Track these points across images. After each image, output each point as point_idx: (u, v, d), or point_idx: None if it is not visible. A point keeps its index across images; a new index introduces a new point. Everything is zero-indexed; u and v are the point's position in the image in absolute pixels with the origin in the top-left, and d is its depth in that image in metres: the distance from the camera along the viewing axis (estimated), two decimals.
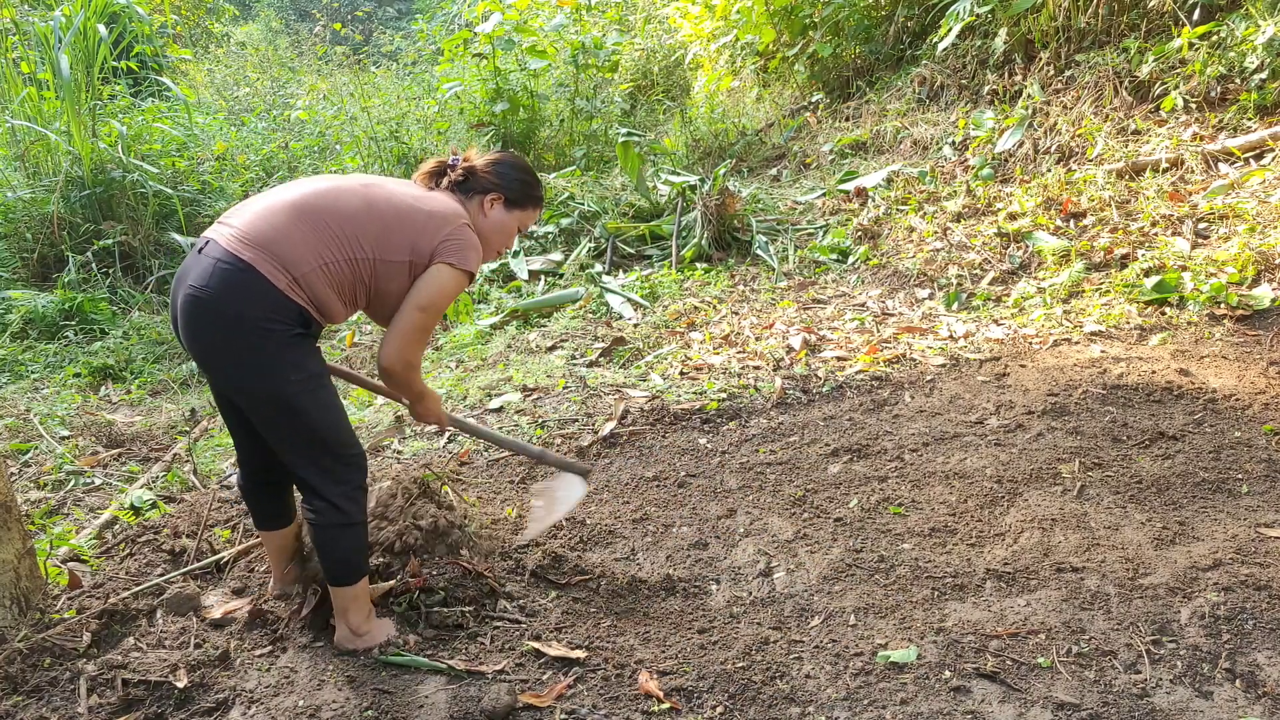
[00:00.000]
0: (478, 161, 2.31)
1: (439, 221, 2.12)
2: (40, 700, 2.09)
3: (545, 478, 3.02)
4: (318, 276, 2.01)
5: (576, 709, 2.04)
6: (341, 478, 2.12)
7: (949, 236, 5.30)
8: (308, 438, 2.07)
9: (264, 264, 1.94)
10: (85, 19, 6.90)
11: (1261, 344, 3.75)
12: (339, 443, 2.11)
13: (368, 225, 2.06)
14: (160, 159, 7.25)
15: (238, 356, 1.98)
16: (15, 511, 2.34)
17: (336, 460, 2.11)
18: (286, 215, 2.01)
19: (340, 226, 2.04)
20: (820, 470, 3.16)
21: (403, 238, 2.08)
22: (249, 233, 1.98)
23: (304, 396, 2.02)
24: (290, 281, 1.97)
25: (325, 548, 2.15)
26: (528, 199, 2.35)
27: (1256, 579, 2.30)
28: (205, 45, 13.30)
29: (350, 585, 2.18)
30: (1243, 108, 5.14)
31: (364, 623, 2.23)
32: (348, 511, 2.12)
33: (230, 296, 1.93)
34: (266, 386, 1.99)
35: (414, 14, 16.82)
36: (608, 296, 5.25)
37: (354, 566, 2.18)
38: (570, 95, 7.97)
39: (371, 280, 2.09)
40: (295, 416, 2.03)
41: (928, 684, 2.05)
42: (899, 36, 7.65)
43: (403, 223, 2.09)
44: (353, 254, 2.04)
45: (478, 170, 2.29)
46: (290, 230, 1.99)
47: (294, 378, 2.00)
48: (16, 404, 4.56)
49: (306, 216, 2.02)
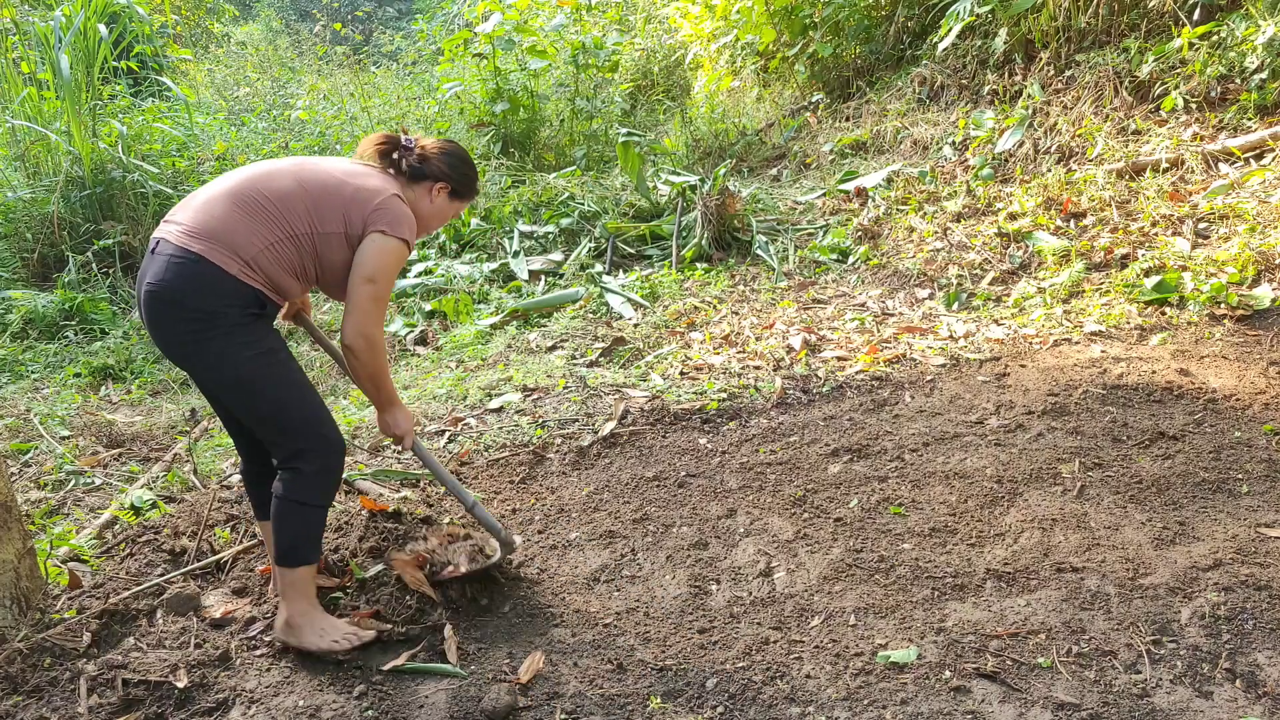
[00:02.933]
0: (430, 149, 2.37)
1: (367, 194, 2.19)
2: (40, 700, 2.09)
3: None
4: (265, 257, 2.10)
5: (576, 709, 2.05)
6: (309, 457, 2.16)
7: (949, 236, 5.30)
8: (271, 412, 2.14)
9: (214, 253, 2.04)
10: (85, 19, 6.91)
11: (1261, 344, 3.75)
12: (307, 418, 2.17)
13: (299, 201, 2.14)
14: (160, 159, 7.26)
15: (199, 344, 2.07)
16: (15, 511, 2.34)
17: (302, 436, 2.16)
18: (225, 204, 2.10)
19: (276, 207, 2.12)
20: (820, 470, 3.16)
21: (333, 210, 2.16)
22: (195, 226, 2.08)
23: (263, 371, 2.11)
24: (242, 266, 2.06)
25: (280, 520, 2.18)
26: (469, 191, 2.45)
27: (1256, 579, 2.30)
28: (205, 45, 13.30)
29: (290, 568, 2.20)
30: (1243, 108, 5.14)
31: (300, 616, 2.22)
32: (307, 489, 2.16)
33: (186, 288, 2.03)
34: (229, 367, 2.08)
35: (414, 14, 16.82)
36: (608, 296, 5.25)
37: (299, 550, 2.19)
38: (570, 95, 7.97)
39: (314, 254, 2.17)
40: (260, 392, 2.11)
41: (928, 684, 2.05)
42: (899, 36, 7.65)
43: (331, 196, 2.16)
44: (291, 230, 2.13)
45: (431, 158, 2.35)
46: (231, 217, 2.08)
47: (249, 354, 2.08)
48: (16, 404, 4.56)
49: (244, 202, 2.11)
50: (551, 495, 3.22)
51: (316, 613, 2.25)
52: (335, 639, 2.22)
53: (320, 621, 2.24)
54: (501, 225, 6.44)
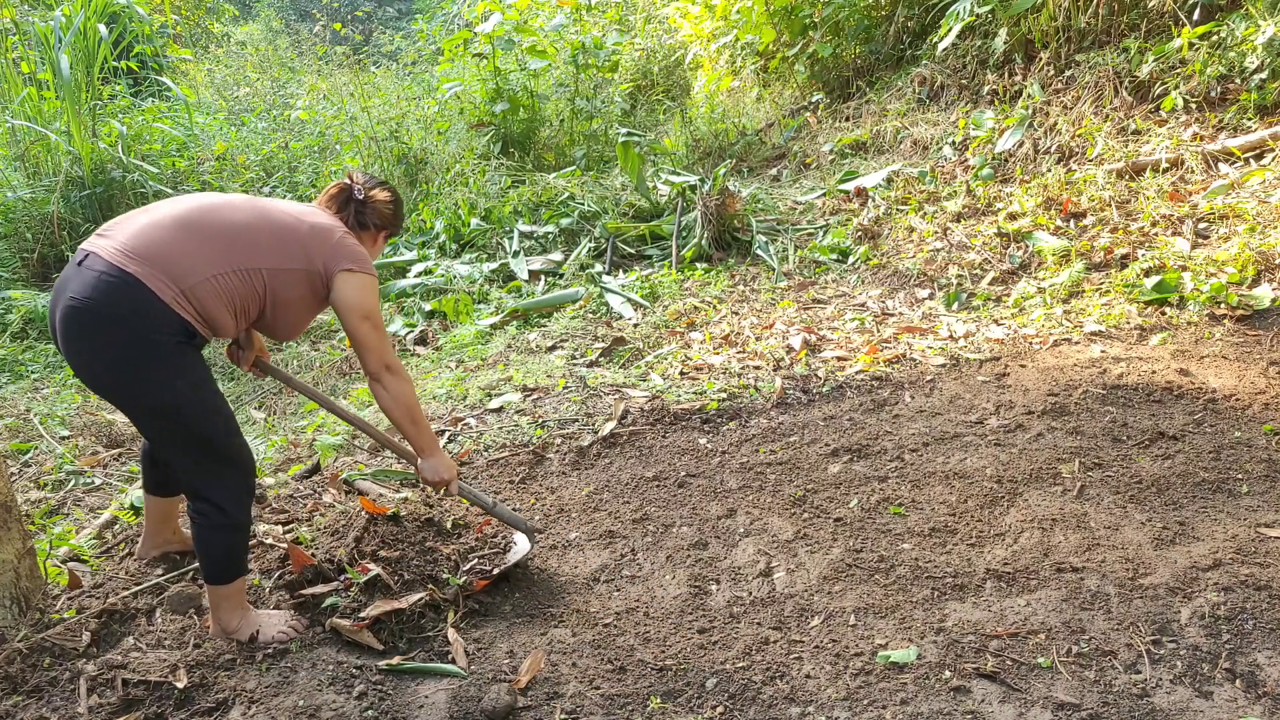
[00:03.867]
0: (376, 198, 2.46)
1: (322, 232, 2.23)
2: (40, 700, 2.09)
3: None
4: (207, 289, 2.05)
5: (576, 709, 2.05)
6: (227, 481, 2.15)
7: (949, 236, 5.30)
8: (193, 442, 2.10)
9: (152, 279, 1.98)
10: (85, 19, 6.91)
11: (1261, 344, 3.75)
12: (224, 445, 2.14)
13: (262, 234, 2.13)
14: (160, 159, 7.26)
15: (120, 366, 2.00)
16: (15, 511, 2.34)
17: (222, 463, 2.14)
18: (173, 230, 2.05)
19: (231, 239, 2.09)
20: (820, 470, 3.16)
21: (296, 245, 2.17)
22: (135, 247, 2.00)
23: (188, 401, 2.05)
24: (177, 295, 2.01)
25: (204, 546, 2.18)
26: (399, 230, 2.66)
27: (1256, 579, 2.30)
28: (205, 45, 13.30)
29: (225, 585, 2.21)
30: (1243, 108, 5.14)
31: (234, 620, 2.25)
32: (231, 513, 2.15)
33: (114, 309, 1.96)
34: (151, 394, 2.02)
35: (414, 14, 16.82)
36: (608, 296, 5.25)
37: (231, 567, 2.21)
38: (570, 95, 7.97)
39: (267, 291, 2.15)
40: (179, 421, 2.06)
41: (928, 684, 2.05)
42: (899, 36, 7.65)
43: (291, 232, 2.18)
44: (245, 264, 2.10)
45: (379, 209, 2.46)
46: (178, 244, 2.03)
47: (178, 384, 2.03)
48: (16, 404, 4.56)
49: (195, 230, 2.07)
50: (551, 495, 3.22)
51: (250, 613, 2.29)
52: (272, 635, 2.26)
53: (255, 619, 2.28)
54: (501, 225, 6.44)
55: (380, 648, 2.30)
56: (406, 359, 5.09)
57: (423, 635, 2.36)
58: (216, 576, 2.20)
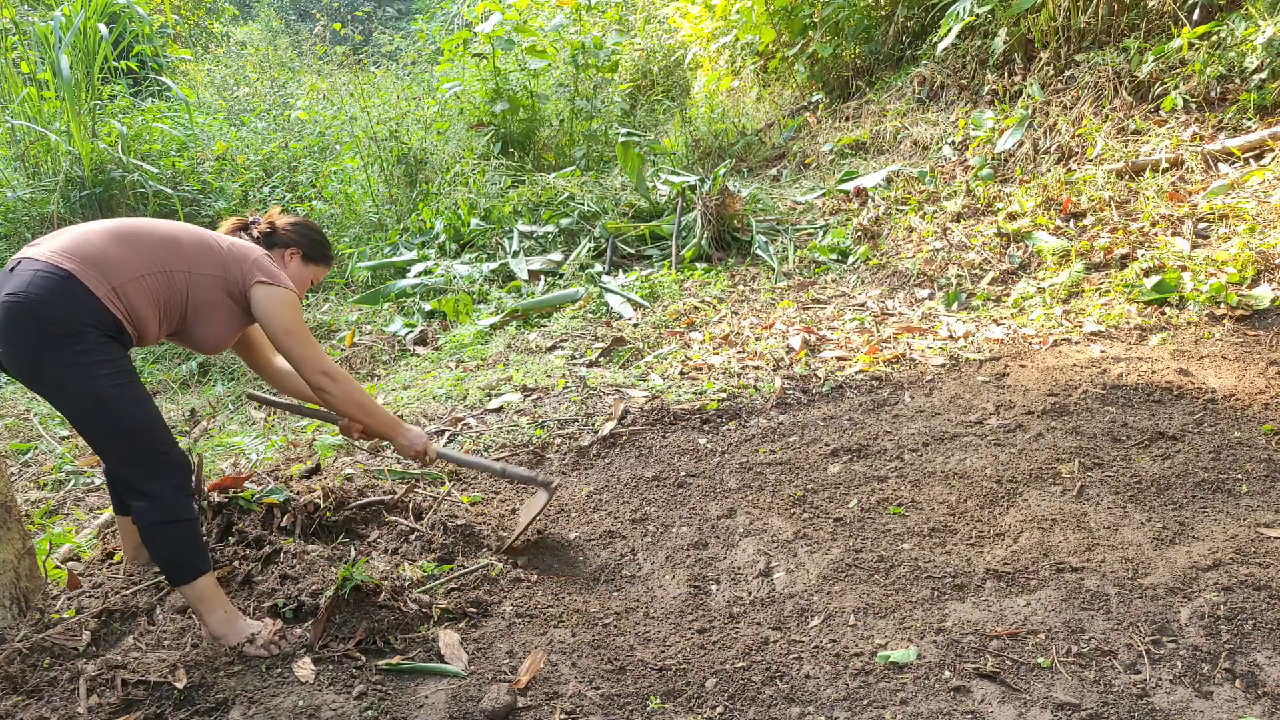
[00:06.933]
0: (279, 221, 2.62)
1: (241, 250, 2.38)
2: (40, 700, 2.09)
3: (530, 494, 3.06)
4: (135, 288, 2.17)
5: (576, 709, 2.05)
6: (160, 473, 2.18)
7: (949, 236, 5.30)
8: (121, 432, 2.15)
9: (85, 274, 2.09)
10: (85, 19, 6.91)
11: (1261, 344, 3.75)
12: (154, 439, 2.18)
13: (183, 241, 2.29)
14: (160, 159, 7.27)
15: (53, 357, 2.06)
16: (15, 511, 2.34)
17: (153, 455, 2.17)
18: (104, 237, 2.19)
19: (156, 245, 2.24)
20: (820, 470, 3.16)
21: (213, 258, 2.32)
22: (69, 248, 2.12)
23: (115, 391, 2.11)
24: (109, 291, 2.12)
25: (152, 545, 2.21)
26: (321, 257, 2.69)
27: (1256, 579, 2.30)
28: (205, 45, 13.30)
29: (187, 584, 2.22)
30: (1242, 108, 5.14)
31: (220, 625, 2.24)
32: (168, 508, 2.17)
33: (49, 300, 2.05)
34: (80, 383, 2.08)
35: (414, 14, 16.81)
36: (608, 296, 5.25)
37: (185, 564, 2.21)
38: (570, 95, 7.97)
39: (188, 295, 2.27)
40: (108, 411, 2.12)
41: (928, 684, 2.05)
42: (899, 36, 7.65)
43: (211, 249, 2.33)
44: (169, 266, 2.23)
45: (279, 228, 2.61)
46: (109, 248, 2.16)
47: (104, 372, 2.10)
48: (16, 404, 4.56)
49: (124, 238, 2.21)
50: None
51: (236, 618, 2.28)
52: (258, 649, 2.23)
53: (243, 627, 2.26)
54: (501, 225, 6.44)
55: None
56: (406, 359, 5.10)
57: (419, 636, 2.35)
58: (174, 575, 2.23)
